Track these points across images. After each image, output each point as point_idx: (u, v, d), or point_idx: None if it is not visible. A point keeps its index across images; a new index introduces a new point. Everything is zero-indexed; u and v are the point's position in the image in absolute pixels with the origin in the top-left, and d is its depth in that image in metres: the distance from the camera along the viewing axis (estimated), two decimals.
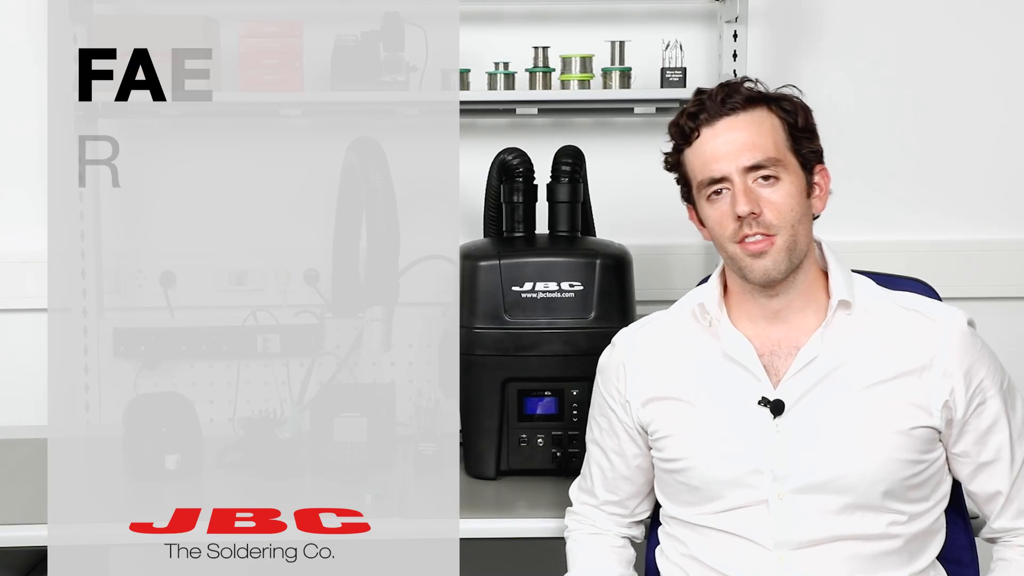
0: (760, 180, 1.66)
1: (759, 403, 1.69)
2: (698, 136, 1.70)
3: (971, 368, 1.67)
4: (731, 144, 1.67)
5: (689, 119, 1.70)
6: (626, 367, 1.82)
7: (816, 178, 1.72)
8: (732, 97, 1.68)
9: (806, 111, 1.72)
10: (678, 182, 1.78)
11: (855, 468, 1.65)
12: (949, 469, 1.73)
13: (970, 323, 1.71)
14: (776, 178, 1.67)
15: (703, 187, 1.70)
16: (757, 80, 1.73)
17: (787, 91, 1.73)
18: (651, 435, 1.79)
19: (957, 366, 1.66)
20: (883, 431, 1.65)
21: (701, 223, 1.76)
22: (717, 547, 1.72)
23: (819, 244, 1.77)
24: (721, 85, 1.71)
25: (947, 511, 1.75)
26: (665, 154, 1.77)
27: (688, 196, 1.77)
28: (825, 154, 1.76)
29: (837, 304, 1.70)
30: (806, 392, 1.68)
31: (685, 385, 1.76)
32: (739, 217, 1.66)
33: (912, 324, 1.69)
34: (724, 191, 1.68)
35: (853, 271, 1.78)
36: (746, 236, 1.67)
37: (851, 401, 1.67)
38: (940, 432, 1.68)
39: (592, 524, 1.90)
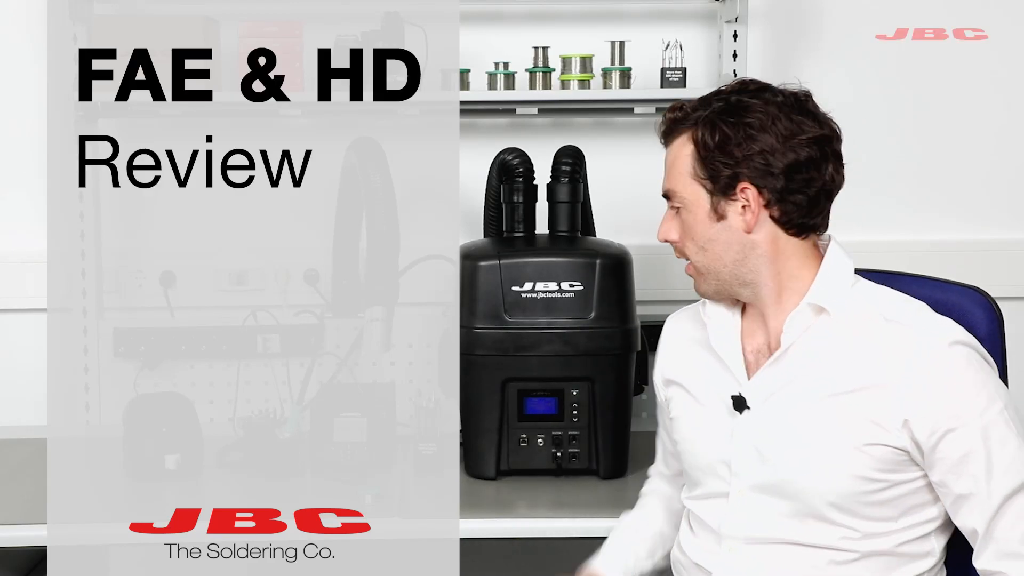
0: (676, 209, 1.75)
1: (731, 397, 1.72)
2: None
3: (942, 390, 1.58)
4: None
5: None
6: (660, 344, 1.92)
7: (737, 196, 1.67)
8: (664, 128, 1.75)
9: (728, 126, 1.66)
10: None
11: (802, 476, 1.64)
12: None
13: (963, 343, 1.61)
14: (678, 207, 1.74)
15: None
16: (758, 82, 1.71)
17: (742, 90, 1.70)
18: (668, 413, 1.87)
19: (923, 386, 1.58)
20: (837, 444, 1.62)
21: None
22: (691, 531, 1.80)
23: (827, 244, 1.75)
24: (669, 109, 1.75)
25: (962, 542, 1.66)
26: None
27: None
28: None
29: (806, 306, 1.68)
30: (773, 392, 1.68)
31: (687, 372, 1.83)
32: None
33: (887, 336, 1.64)
34: None
35: (881, 271, 1.78)
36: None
37: (811, 409, 1.65)
38: (909, 453, 1.60)
39: (658, 488, 1.98)
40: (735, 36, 2.58)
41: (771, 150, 1.65)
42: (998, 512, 1.57)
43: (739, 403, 1.70)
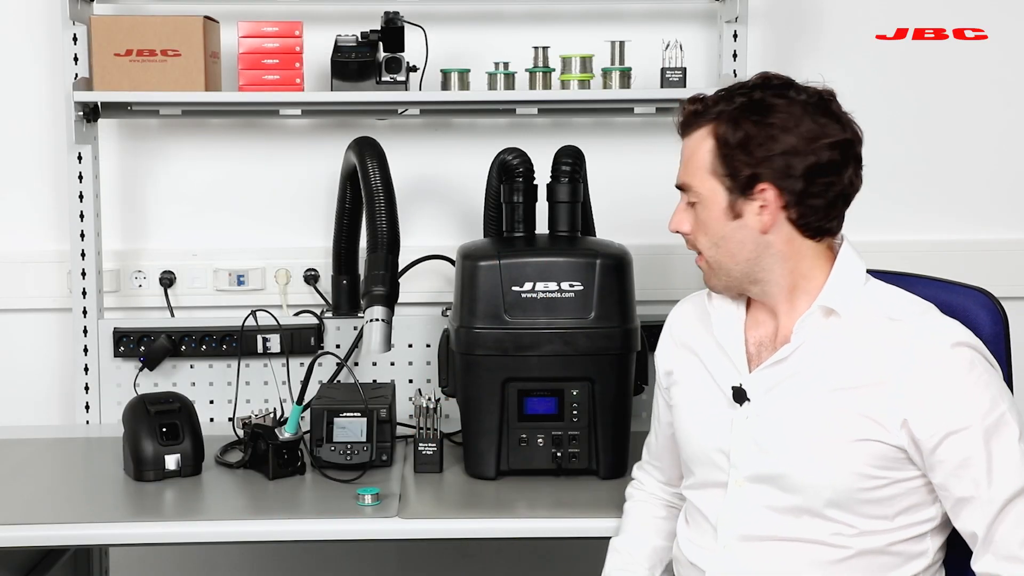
0: (689, 203, 1.73)
1: (732, 388, 1.72)
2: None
3: (943, 392, 1.58)
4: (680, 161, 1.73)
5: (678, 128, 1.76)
6: (663, 333, 1.93)
7: (755, 196, 1.66)
8: (682, 120, 1.72)
9: (751, 124, 1.63)
10: None
11: (800, 470, 1.64)
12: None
13: (966, 345, 1.61)
14: (693, 203, 1.71)
15: None
16: (781, 77, 1.70)
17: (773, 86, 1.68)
18: (668, 401, 1.88)
19: (923, 385, 1.58)
20: (835, 439, 1.62)
21: None
22: (686, 524, 1.81)
23: (839, 244, 1.74)
24: (689, 100, 1.72)
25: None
26: None
27: None
28: None
29: (817, 309, 1.68)
30: (774, 386, 1.69)
31: (689, 363, 1.83)
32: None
33: (889, 335, 1.64)
34: None
35: (885, 272, 1.78)
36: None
37: (811, 403, 1.65)
38: (907, 452, 1.60)
39: (644, 490, 1.97)
40: (735, 36, 2.58)
41: (793, 151, 1.62)
42: (998, 516, 1.57)
43: (739, 395, 1.71)
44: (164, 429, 2.17)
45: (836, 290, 1.69)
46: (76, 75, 2.52)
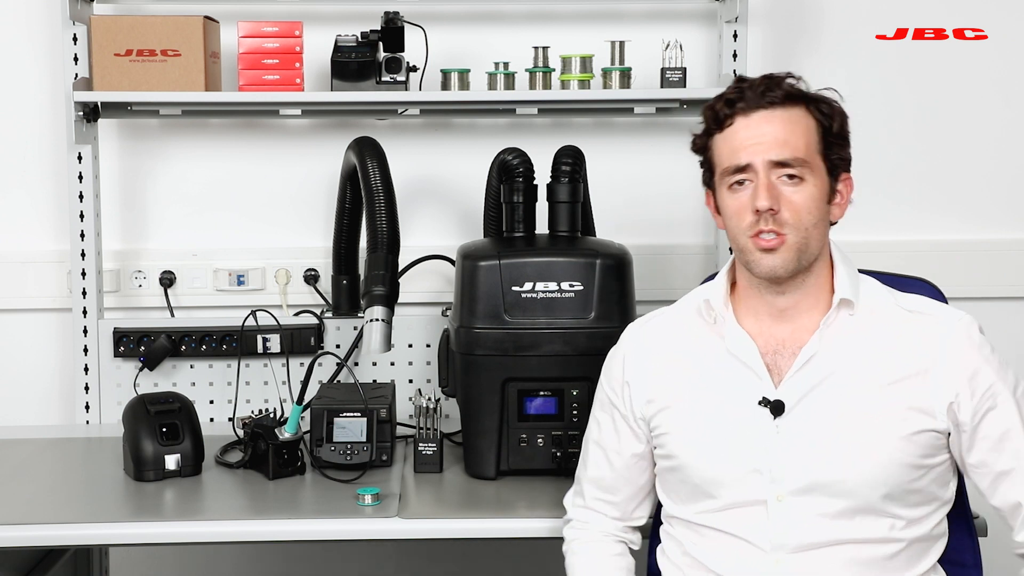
0: (784, 178, 1.65)
1: (760, 403, 1.68)
2: (731, 124, 1.67)
3: (977, 371, 1.65)
4: (763, 136, 1.65)
5: (726, 105, 1.68)
6: (627, 359, 1.82)
7: (839, 186, 1.71)
8: (773, 91, 1.66)
9: (843, 117, 1.71)
10: (702, 165, 1.75)
11: (855, 471, 1.64)
12: (968, 482, 1.73)
13: (981, 329, 1.70)
14: (800, 179, 1.66)
15: (727, 175, 1.68)
16: (800, 78, 1.71)
17: (828, 94, 1.71)
18: (653, 431, 1.78)
19: (962, 369, 1.64)
20: (885, 435, 1.64)
21: (718, 211, 1.74)
22: (714, 547, 1.71)
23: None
24: (764, 77, 1.69)
25: (951, 512, 1.73)
26: (694, 135, 1.75)
27: (709, 181, 1.75)
28: None
29: (839, 302, 1.68)
30: (807, 393, 1.67)
31: (687, 384, 1.75)
32: (757, 211, 1.64)
33: (916, 327, 1.68)
34: (747, 183, 1.66)
35: (860, 271, 1.77)
36: (761, 231, 1.65)
37: (853, 404, 1.65)
38: (948, 436, 1.65)
39: (590, 530, 1.87)
40: (735, 36, 2.58)
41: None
42: None
43: (777, 407, 1.67)
44: (164, 429, 2.17)
45: (846, 283, 1.71)
46: (76, 75, 2.52)
